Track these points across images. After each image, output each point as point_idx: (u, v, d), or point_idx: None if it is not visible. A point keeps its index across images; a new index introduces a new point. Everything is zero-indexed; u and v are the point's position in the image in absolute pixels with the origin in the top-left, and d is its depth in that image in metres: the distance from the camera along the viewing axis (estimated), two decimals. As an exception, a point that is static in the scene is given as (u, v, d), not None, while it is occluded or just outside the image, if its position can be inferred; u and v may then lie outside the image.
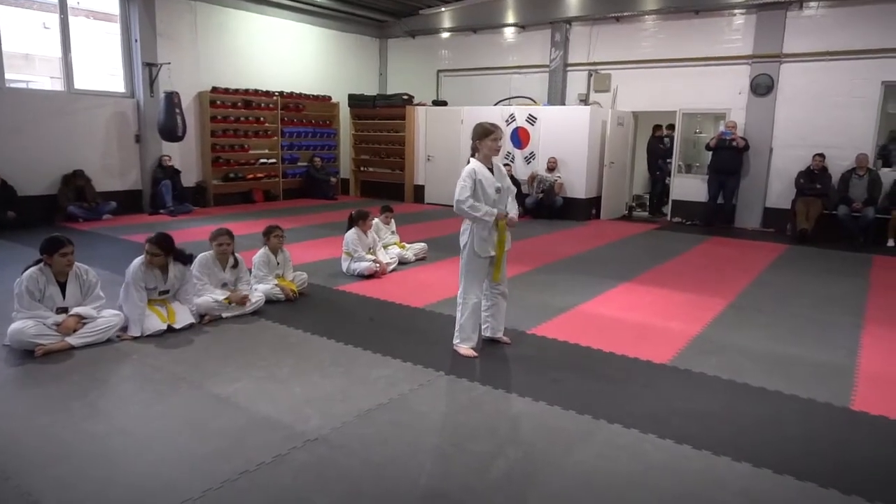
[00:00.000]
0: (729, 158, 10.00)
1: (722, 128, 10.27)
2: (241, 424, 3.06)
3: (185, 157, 10.77)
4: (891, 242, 8.70)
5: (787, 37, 9.78)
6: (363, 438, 2.95)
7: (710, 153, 10.20)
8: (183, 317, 4.41)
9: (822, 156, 9.33)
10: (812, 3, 9.59)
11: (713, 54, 10.39)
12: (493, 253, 3.98)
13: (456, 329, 4.10)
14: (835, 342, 4.50)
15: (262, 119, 11.98)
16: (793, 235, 9.27)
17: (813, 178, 9.34)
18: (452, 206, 3.94)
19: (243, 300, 4.74)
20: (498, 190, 3.95)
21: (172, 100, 9.71)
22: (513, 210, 4.06)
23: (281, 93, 12.22)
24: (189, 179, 10.80)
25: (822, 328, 4.84)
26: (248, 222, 8.98)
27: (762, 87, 10.03)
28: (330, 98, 13.27)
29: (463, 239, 4.00)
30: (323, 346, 4.20)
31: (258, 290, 5.01)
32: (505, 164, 10.87)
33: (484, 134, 3.88)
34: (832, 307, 5.47)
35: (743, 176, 10.23)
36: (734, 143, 9.91)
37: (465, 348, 4.04)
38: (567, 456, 2.84)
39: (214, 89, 11.10)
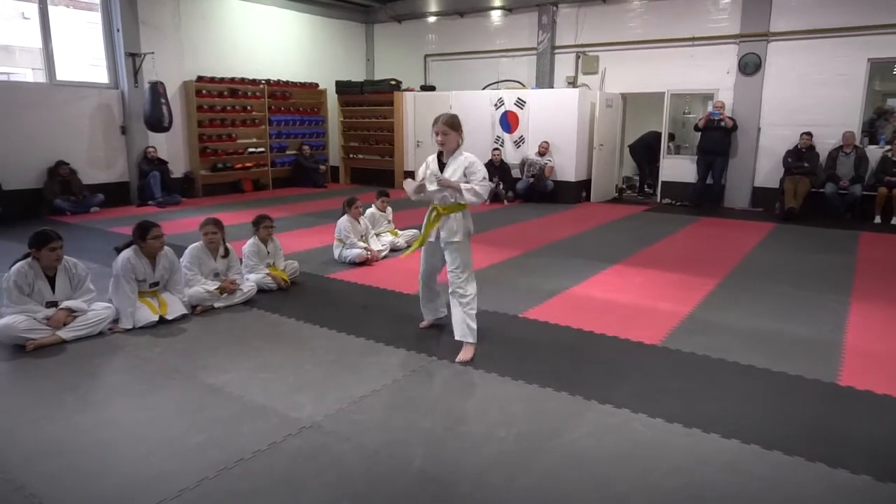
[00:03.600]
0: (717, 139, 10.02)
1: (710, 108, 10.28)
2: (235, 413, 3.08)
3: (172, 148, 10.68)
4: (877, 219, 8.79)
5: (774, 15, 9.77)
6: (357, 424, 2.97)
7: (699, 134, 10.23)
8: (175, 308, 4.41)
9: (809, 134, 9.38)
10: (798, -19, 9.58)
11: (700, 34, 10.38)
12: (425, 237, 3.99)
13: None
14: (822, 319, 4.56)
15: (248, 108, 11.88)
16: (781, 214, 9.32)
17: (800, 157, 9.39)
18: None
19: (233, 286, 4.73)
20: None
21: (157, 90, 9.61)
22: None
23: (267, 81, 12.11)
24: (177, 170, 10.71)
25: (809, 305, 4.90)
26: (238, 212, 8.93)
27: (750, 67, 10.04)
28: (317, 85, 13.17)
29: (468, 227, 3.86)
30: (315, 334, 4.21)
31: (249, 280, 5.01)
32: (494, 149, 10.86)
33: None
34: (820, 284, 5.52)
35: (731, 156, 10.27)
36: (722, 124, 9.93)
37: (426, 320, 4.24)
38: (558, 436, 2.87)
39: (200, 78, 10.98)
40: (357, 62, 14.29)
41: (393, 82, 12.79)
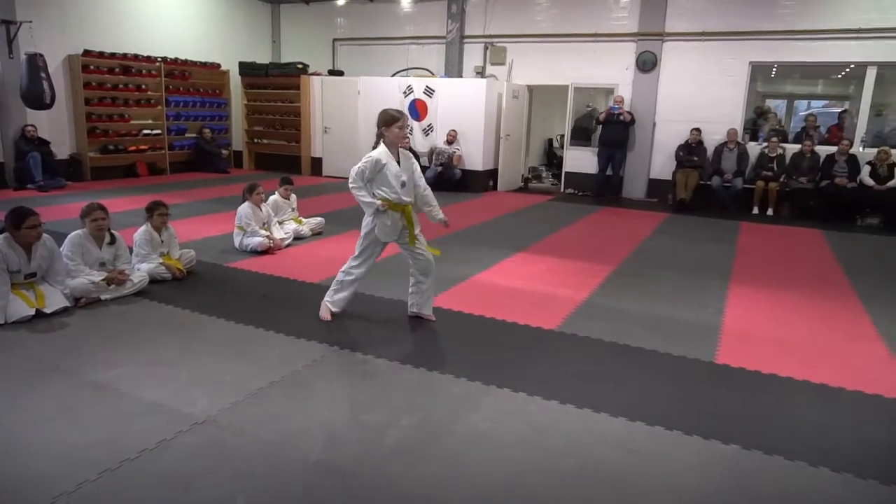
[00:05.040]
0: (617, 132, 10.51)
1: (611, 103, 10.75)
2: (123, 411, 2.91)
3: (56, 127, 9.88)
4: (755, 210, 9.54)
5: (669, 16, 10.33)
6: (254, 417, 2.89)
7: (601, 127, 10.67)
8: (54, 300, 4.09)
9: (698, 130, 10.02)
10: (690, -15, 10.17)
11: (602, 31, 10.80)
12: (394, 239, 4.04)
13: (333, 289, 4.19)
14: (705, 303, 4.91)
15: (143, 87, 11.18)
16: (673, 205, 9.92)
17: (690, 151, 10.02)
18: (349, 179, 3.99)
19: (122, 277, 4.46)
20: (403, 184, 3.93)
21: (36, 62, 8.82)
22: (427, 206, 4.18)
23: (164, 59, 11.44)
24: (61, 151, 9.93)
25: (695, 290, 5.26)
26: (131, 197, 8.42)
27: (647, 64, 10.57)
28: (219, 66, 12.60)
29: (366, 220, 4.03)
30: (213, 326, 4.06)
31: (141, 270, 4.74)
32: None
33: (390, 121, 3.83)
34: (705, 270, 5.94)
35: (629, 149, 10.80)
36: (622, 118, 10.41)
37: (325, 311, 4.17)
38: (458, 421, 2.93)
39: (87, 52, 10.20)
40: (262, 43, 13.77)
41: (300, 66, 12.45)
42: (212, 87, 12.62)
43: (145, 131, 11.29)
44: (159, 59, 11.33)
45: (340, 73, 12.56)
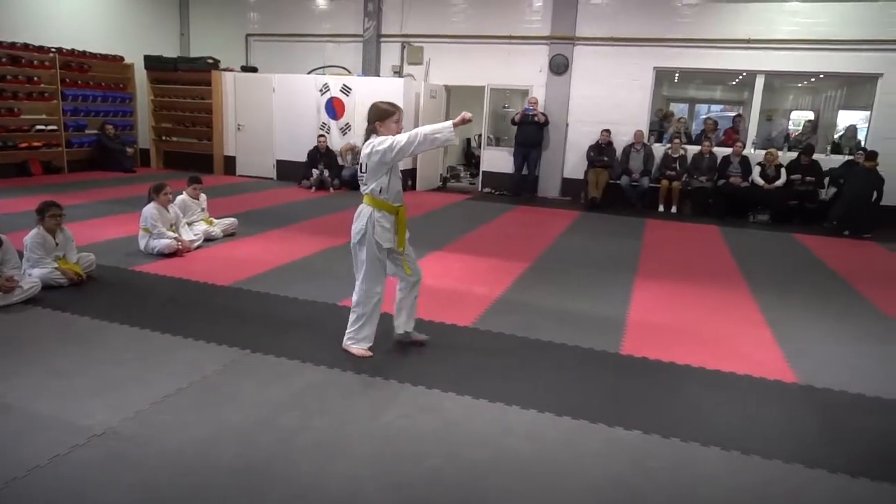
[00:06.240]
0: (532, 133, 10.78)
1: (526, 104, 11.02)
2: (12, 427, 2.73)
3: (-66, 122, 9.06)
4: (661, 208, 10.07)
5: (580, 21, 10.70)
6: (159, 426, 2.79)
7: (516, 127, 10.93)
8: (-68, 310, 3.77)
9: (608, 131, 10.45)
10: (598, -9, 10.60)
11: (517, 33, 11.05)
12: (392, 245, 3.68)
13: (352, 329, 3.67)
14: (612, 296, 5.14)
15: (36, 79, 10.43)
16: (585, 203, 10.30)
17: (601, 152, 10.43)
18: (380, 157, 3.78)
19: (10, 284, 4.16)
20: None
21: None
22: None
23: (59, 49, 10.70)
24: (-59, 148, 9.12)
25: (603, 285, 5.49)
26: (23, 198, 7.85)
27: (560, 67, 10.91)
28: (122, 59, 11.93)
29: (358, 226, 3.68)
30: (115, 333, 3.86)
31: (33, 275, 4.43)
32: (320, 136, 10.68)
33: (385, 115, 3.76)
34: (613, 265, 6.21)
35: (544, 149, 11.10)
36: (536, 119, 10.70)
37: (359, 349, 3.66)
38: (372, 420, 2.94)
39: (-32, 41, 9.41)
40: (170, 36, 13.15)
41: (210, 60, 11.99)
42: (114, 81, 11.94)
43: (39, 127, 10.53)
44: (53, 50, 10.60)
45: (254, 70, 12.21)
